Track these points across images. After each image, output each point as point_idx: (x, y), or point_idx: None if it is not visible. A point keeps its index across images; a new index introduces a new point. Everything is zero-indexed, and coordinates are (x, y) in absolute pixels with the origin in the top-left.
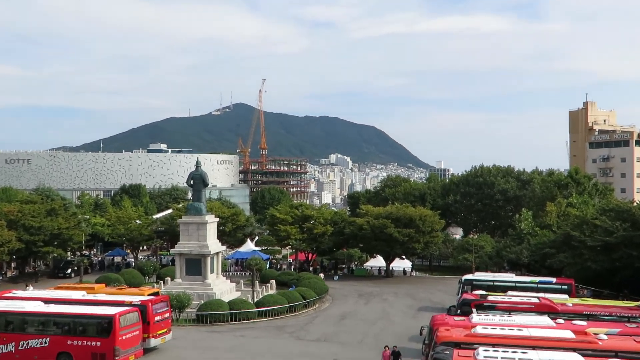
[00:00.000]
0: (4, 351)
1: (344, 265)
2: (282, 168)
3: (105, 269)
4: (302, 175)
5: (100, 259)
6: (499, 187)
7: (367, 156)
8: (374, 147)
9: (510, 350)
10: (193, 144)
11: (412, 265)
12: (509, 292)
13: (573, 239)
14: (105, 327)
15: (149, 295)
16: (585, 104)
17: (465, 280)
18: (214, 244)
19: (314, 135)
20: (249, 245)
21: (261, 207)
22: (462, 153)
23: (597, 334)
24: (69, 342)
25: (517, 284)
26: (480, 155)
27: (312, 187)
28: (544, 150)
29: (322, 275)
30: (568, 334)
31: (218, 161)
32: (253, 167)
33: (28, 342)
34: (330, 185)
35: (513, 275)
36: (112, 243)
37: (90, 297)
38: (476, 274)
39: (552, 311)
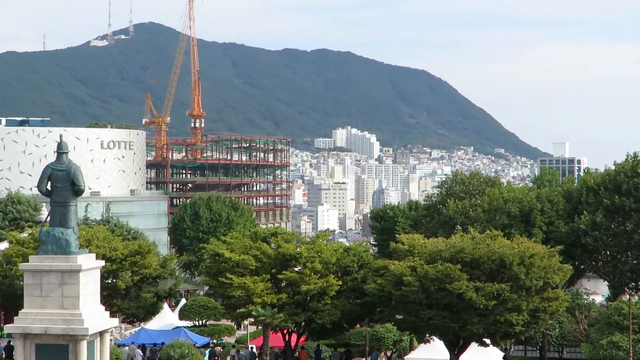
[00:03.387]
0: None
1: None
2: (236, 157)
3: None
4: (279, 172)
5: None
6: None
7: (411, 132)
8: (426, 115)
9: None
10: (51, 108)
11: None
12: None
13: None
14: None
15: None
16: None
17: None
18: (94, 315)
19: (302, 91)
20: (168, 318)
21: (192, 238)
22: (605, 130)
23: None
24: None
25: None
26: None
27: (299, 196)
28: None
29: None
30: None
31: (104, 143)
32: (176, 156)
33: None
34: (336, 192)
35: None
36: None
37: None
38: None
39: None
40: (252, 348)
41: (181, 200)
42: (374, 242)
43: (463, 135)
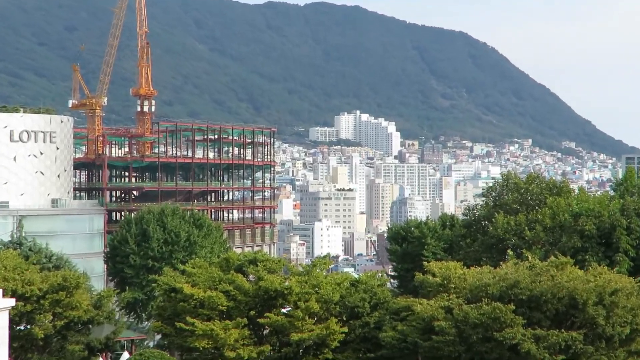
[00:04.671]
0: None
1: None
2: (199, 154)
3: None
4: (260, 174)
5: None
6: None
7: (445, 119)
8: (466, 94)
9: None
10: None
11: None
12: None
13: None
14: None
15: None
16: None
17: None
18: None
19: (292, 61)
20: None
21: (138, 267)
22: None
23: None
24: None
25: None
26: None
27: (288, 208)
28: None
29: None
30: None
31: (14, 134)
32: (117, 152)
33: None
34: (340, 202)
35: None
36: None
37: None
38: None
39: None
40: None
41: (123, 214)
42: (392, 273)
43: (517, 123)
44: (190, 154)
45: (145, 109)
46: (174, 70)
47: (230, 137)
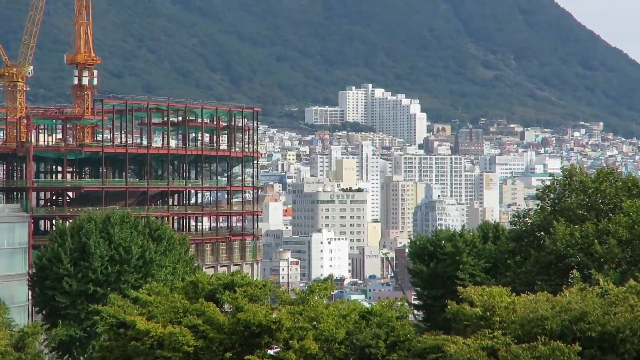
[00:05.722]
0: None
1: None
2: (157, 142)
3: None
4: (239, 169)
5: None
6: None
7: (486, 95)
8: (515, 62)
9: None
10: None
11: None
12: None
13: None
14: None
15: None
16: None
17: None
18: None
19: (282, 18)
20: None
21: (75, 294)
22: None
23: None
24: None
25: None
26: None
27: (276, 214)
28: None
29: None
30: None
31: None
32: (46, 140)
33: None
34: (347, 206)
35: None
36: None
37: None
38: None
39: None
40: None
41: (55, 222)
42: (416, 302)
43: (584, 102)
44: (145, 143)
45: (85, 81)
46: (123, 29)
47: (199, 120)
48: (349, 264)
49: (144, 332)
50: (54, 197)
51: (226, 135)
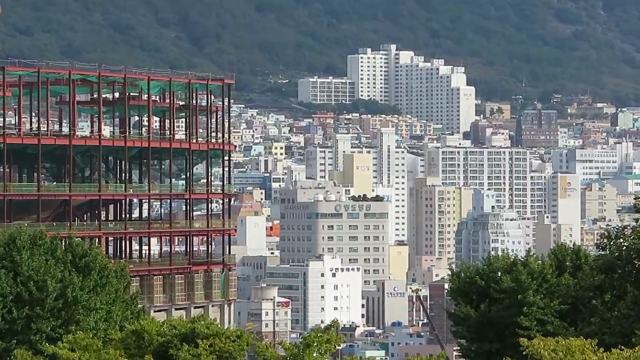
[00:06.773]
0: None
1: None
2: (84, 128)
3: None
4: (201, 168)
5: None
6: None
7: (559, 61)
8: (603, 14)
9: None
10: None
11: None
12: None
13: None
14: None
15: None
16: None
17: None
18: None
19: None
20: None
21: None
22: None
23: None
24: None
25: None
26: None
27: (256, 234)
28: None
29: None
30: None
31: None
32: None
33: None
34: (360, 222)
35: None
36: None
37: None
38: None
39: None
40: None
41: None
42: (459, 354)
43: None
44: (66, 130)
45: None
46: None
47: (145, 97)
48: (363, 306)
49: None
50: None
51: (184, 120)
